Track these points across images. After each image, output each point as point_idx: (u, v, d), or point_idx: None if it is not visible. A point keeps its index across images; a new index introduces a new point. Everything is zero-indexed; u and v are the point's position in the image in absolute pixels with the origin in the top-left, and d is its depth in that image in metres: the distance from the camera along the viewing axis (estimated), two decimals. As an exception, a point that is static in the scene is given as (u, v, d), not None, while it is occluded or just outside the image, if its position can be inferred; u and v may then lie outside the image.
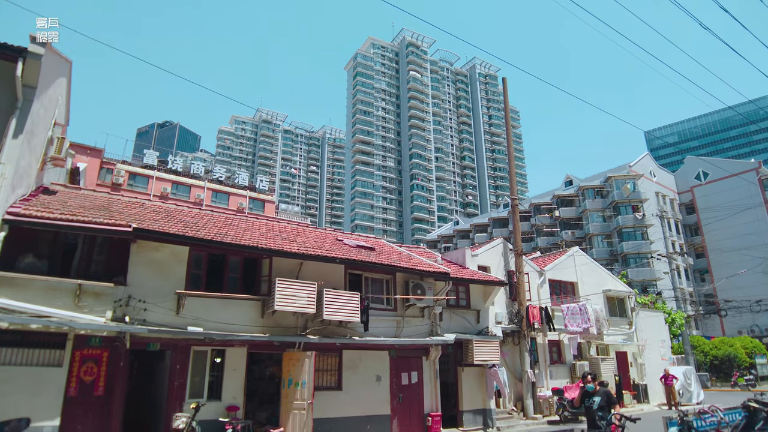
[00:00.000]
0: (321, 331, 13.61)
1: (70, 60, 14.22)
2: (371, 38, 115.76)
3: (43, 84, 11.48)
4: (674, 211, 64.99)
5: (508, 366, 19.28)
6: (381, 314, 15.24)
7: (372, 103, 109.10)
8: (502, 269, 21.21)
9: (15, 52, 10.33)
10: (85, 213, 11.11)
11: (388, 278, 16.00)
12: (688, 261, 61.96)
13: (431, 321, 16.42)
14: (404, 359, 15.66)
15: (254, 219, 17.78)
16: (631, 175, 59.82)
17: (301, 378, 12.39)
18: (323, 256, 13.53)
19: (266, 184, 52.37)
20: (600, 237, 60.99)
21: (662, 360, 26.32)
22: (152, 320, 11.19)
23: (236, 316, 12.42)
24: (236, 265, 13.17)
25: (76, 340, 10.50)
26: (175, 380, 11.42)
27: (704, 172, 66.56)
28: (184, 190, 44.90)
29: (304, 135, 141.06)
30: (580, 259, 25.02)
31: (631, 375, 24.44)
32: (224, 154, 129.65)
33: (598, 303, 23.51)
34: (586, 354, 22.56)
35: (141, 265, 11.54)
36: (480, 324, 18.24)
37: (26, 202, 10.96)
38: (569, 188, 66.69)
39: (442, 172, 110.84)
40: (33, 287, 10.05)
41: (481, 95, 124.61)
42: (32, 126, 11.08)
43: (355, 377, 14.35)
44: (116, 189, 38.65)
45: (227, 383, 12.15)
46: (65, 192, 13.75)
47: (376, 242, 19.60)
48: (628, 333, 24.85)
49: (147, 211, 13.69)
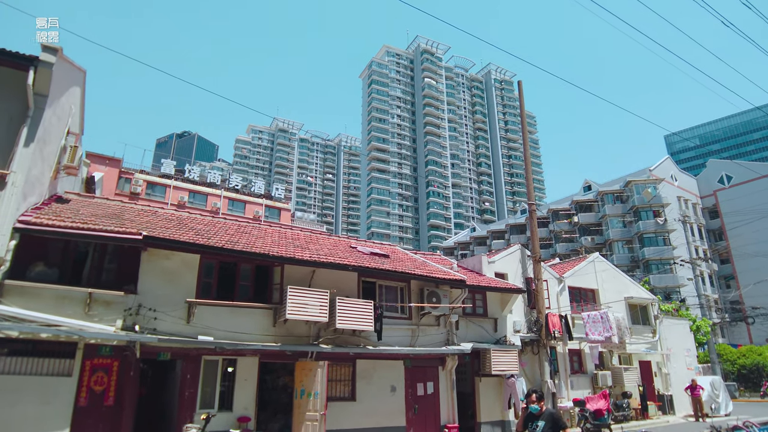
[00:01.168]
0: (334, 340, 13.34)
1: (83, 69, 14.29)
2: (386, 46, 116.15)
3: (55, 92, 11.51)
4: (697, 216, 63.45)
5: (527, 376, 18.75)
6: (395, 323, 14.91)
7: (387, 110, 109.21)
8: (520, 276, 20.71)
9: (26, 60, 10.38)
10: (97, 221, 11.04)
11: (402, 286, 15.68)
12: (712, 267, 60.34)
13: (447, 330, 16.03)
14: (420, 369, 15.29)
15: (267, 227, 17.66)
16: (651, 180, 58.57)
17: (314, 388, 12.12)
18: (335, 264, 13.28)
19: (282, 192, 52.54)
20: (620, 243, 59.77)
21: (688, 369, 25.43)
22: (162, 329, 11.04)
23: (247, 325, 12.22)
24: (248, 273, 13.00)
25: (87, 349, 10.40)
26: (186, 390, 11.24)
27: (728, 176, 64.94)
28: (201, 199, 45.25)
29: (320, 143, 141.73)
30: (601, 266, 24.37)
31: (655, 385, 23.63)
32: (241, 163, 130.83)
33: (619, 311, 22.83)
34: (608, 363, 21.89)
35: (152, 273, 11.42)
36: (497, 333, 17.79)
37: (38, 210, 10.94)
38: (588, 193, 65.61)
39: (458, 178, 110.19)
40: (43, 296, 10.00)
41: (497, 101, 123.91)
42: (44, 134, 11.09)
43: (369, 387, 14.03)
44: (134, 198, 39.10)
45: (239, 393, 11.94)
46: (78, 200, 13.75)
47: (390, 249, 19.31)
48: (651, 341, 24.07)
49: (159, 219, 13.62)
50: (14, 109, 10.56)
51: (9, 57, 10.21)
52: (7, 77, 10.44)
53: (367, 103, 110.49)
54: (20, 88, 10.42)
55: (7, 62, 10.28)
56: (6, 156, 10.06)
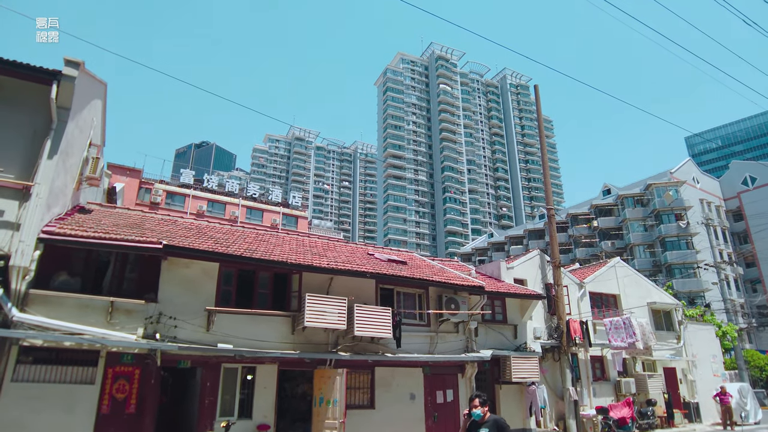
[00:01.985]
0: (352, 347, 13.30)
1: (104, 82, 14.58)
2: (400, 53, 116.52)
3: (77, 106, 11.75)
4: (720, 219, 62.04)
5: (548, 383, 18.45)
6: (414, 330, 14.82)
7: (403, 117, 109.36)
8: (540, 282, 20.45)
9: (50, 75, 10.59)
10: (118, 231, 11.21)
11: (420, 293, 15.59)
12: (737, 270, 58.85)
13: (466, 337, 15.88)
14: (439, 377, 15.15)
15: (285, 234, 17.74)
16: (672, 182, 57.50)
17: (333, 396, 12.08)
18: (353, 271, 13.26)
19: (299, 200, 52.84)
20: (642, 247, 58.69)
21: (714, 376, 24.75)
22: (183, 337, 11.13)
23: (266, 333, 12.25)
24: (266, 281, 13.04)
25: (109, 357, 10.52)
26: (206, 398, 11.29)
27: (752, 177, 63.44)
28: (219, 208, 45.73)
29: (336, 151, 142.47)
30: (622, 271, 23.93)
31: (681, 392, 23.04)
32: (259, 172, 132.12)
33: (642, 316, 22.35)
34: (632, 370, 21.42)
35: (172, 282, 11.53)
36: (517, 339, 17.56)
37: (61, 221, 11.14)
38: (607, 197, 64.67)
39: (475, 184, 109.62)
40: (66, 305, 10.17)
41: (513, 105, 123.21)
42: (67, 147, 11.31)
43: (387, 395, 13.94)
44: (154, 208, 39.70)
45: (258, 401, 11.96)
46: (100, 211, 14.00)
47: (407, 256, 19.25)
48: (676, 348, 23.52)
49: (179, 228, 13.78)
50: (38, 122, 10.78)
51: (33, 71, 10.44)
52: (31, 91, 10.67)
53: (383, 110, 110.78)
54: (44, 101, 10.64)
55: (31, 77, 10.51)
56: (30, 168, 10.27)
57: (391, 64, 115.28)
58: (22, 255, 9.46)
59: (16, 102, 10.63)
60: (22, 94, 10.65)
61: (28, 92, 10.67)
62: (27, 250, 9.55)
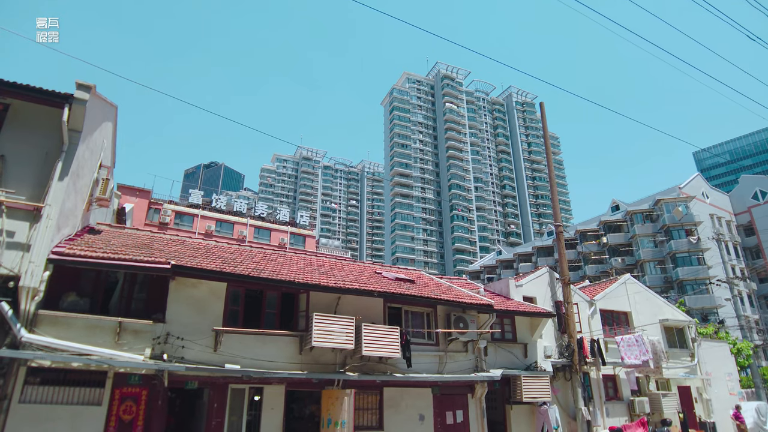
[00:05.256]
0: (360, 367, 13.17)
1: (115, 105, 14.83)
2: (406, 73, 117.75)
3: (88, 128, 11.94)
4: (732, 234, 61.32)
5: (559, 403, 18.12)
6: (422, 349, 14.67)
7: (409, 136, 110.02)
8: (549, 300, 20.24)
9: (62, 98, 10.80)
10: (127, 251, 11.27)
11: (428, 311, 15.47)
12: (751, 286, 57.92)
13: (476, 356, 15.68)
14: (448, 397, 14.94)
15: (292, 254, 17.74)
16: (681, 198, 57.09)
17: (341, 417, 11.94)
18: (361, 290, 13.20)
19: (307, 220, 52.96)
20: (652, 263, 58.03)
21: (730, 395, 24.21)
22: (190, 357, 11.09)
23: (274, 353, 12.18)
24: (274, 300, 13.01)
25: (116, 378, 10.49)
26: (213, 419, 11.19)
27: (762, 192, 62.86)
28: (227, 228, 45.94)
29: (344, 170, 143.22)
30: (633, 287, 23.65)
31: (696, 412, 22.54)
32: (267, 192, 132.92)
33: (654, 334, 22.03)
34: (645, 389, 21.01)
35: (179, 302, 11.53)
36: (528, 359, 17.32)
37: (71, 241, 11.23)
38: (616, 213, 64.26)
39: (483, 201, 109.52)
40: (75, 325, 10.18)
41: (519, 123, 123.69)
42: (78, 168, 11.47)
43: (397, 416, 13.75)
44: (163, 228, 39.98)
45: (265, 422, 11.84)
46: (110, 231, 14.10)
47: (415, 274, 19.15)
48: (690, 366, 23.07)
49: (187, 248, 13.83)
50: (50, 144, 10.95)
51: (45, 95, 10.65)
52: (43, 114, 10.88)
53: (389, 130, 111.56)
54: (56, 124, 10.82)
55: (43, 100, 10.72)
56: (41, 189, 10.40)
57: (397, 83, 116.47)
58: (31, 276, 9.53)
59: (29, 124, 10.83)
60: (34, 116, 10.86)
61: (40, 115, 10.87)
62: (36, 271, 9.62)
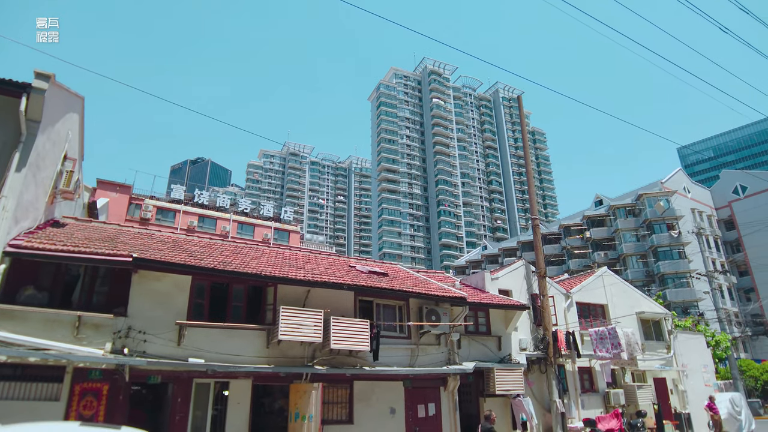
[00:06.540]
0: (329, 361, 13.09)
1: (81, 96, 14.54)
2: (393, 68, 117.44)
3: (48, 119, 11.67)
4: (712, 228, 62.16)
5: (534, 395, 18.20)
6: (394, 342, 14.61)
7: (396, 131, 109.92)
8: (525, 293, 20.30)
9: (19, 87, 10.53)
10: (89, 244, 11.07)
11: (401, 305, 15.42)
12: (730, 279, 58.81)
13: (448, 349, 15.68)
14: (420, 390, 14.91)
15: (265, 247, 17.59)
16: (663, 192, 57.70)
17: (308, 411, 11.85)
18: (330, 283, 13.11)
19: (291, 215, 52.70)
20: (635, 257, 58.66)
21: (706, 386, 24.52)
22: (153, 352, 10.92)
23: (240, 347, 12.05)
24: (240, 294, 12.86)
25: (75, 373, 10.28)
26: (176, 414, 11.04)
27: (742, 186, 63.75)
28: (210, 223, 45.55)
29: (331, 166, 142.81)
30: (609, 280, 23.81)
31: (671, 403, 22.79)
32: (254, 188, 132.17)
33: (630, 326, 22.21)
34: (621, 381, 21.20)
35: (142, 295, 11.35)
36: (502, 351, 17.37)
37: (31, 234, 10.99)
38: (599, 208, 64.81)
39: (469, 197, 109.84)
40: (32, 320, 9.97)
41: (506, 119, 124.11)
42: (37, 160, 11.21)
43: (367, 410, 13.69)
44: (145, 223, 39.51)
45: (231, 417, 11.71)
46: (75, 225, 13.84)
47: (390, 268, 19.10)
48: (666, 358, 23.32)
49: (154, 241, 13.63)
50: (7, 135, 10.69)
51: (1, 84, 10.39)
52: (0, 104, 10.62)
53: (377, 125, 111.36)
54: (13, 114, 10.57)
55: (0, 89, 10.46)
56: (-2, 181, 10.16)
57: (384, 79, 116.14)
58: (-15, 269, 9.30)
59: (-16, 115, 10.55)
60: (-10, 106, 10.57)
61: (-4, 105, 10.60)
62: (-9, 264, 9.39)
